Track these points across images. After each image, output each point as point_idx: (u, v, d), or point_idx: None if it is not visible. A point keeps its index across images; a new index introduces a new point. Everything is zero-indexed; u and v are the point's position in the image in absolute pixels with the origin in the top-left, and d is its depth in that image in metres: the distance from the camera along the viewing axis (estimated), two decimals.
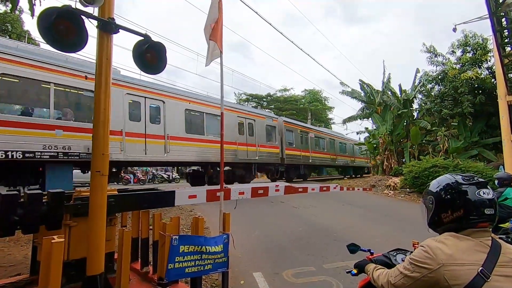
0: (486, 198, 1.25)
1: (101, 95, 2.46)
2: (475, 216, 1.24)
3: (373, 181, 16.49)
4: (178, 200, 3.77)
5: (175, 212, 7.53)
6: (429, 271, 1.20)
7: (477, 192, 1.26)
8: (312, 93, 42.49)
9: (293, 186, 6.40)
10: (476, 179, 1.31)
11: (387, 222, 7.92)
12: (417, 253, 1.27)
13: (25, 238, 4.97)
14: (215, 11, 3.75)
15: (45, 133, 7.01)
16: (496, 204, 1.28)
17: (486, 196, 1.26)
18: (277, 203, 9.75)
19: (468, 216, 1.25)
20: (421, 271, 1.22)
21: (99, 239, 2.35)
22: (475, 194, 1.26)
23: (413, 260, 1.26)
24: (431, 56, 17.67)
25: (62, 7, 2.22)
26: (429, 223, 1.41)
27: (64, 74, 7.53)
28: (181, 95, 10.71)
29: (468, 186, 1.29)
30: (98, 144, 2.42)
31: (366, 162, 27.31)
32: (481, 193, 1.26)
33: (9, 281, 3.11)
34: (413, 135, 17.02)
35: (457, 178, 1.34)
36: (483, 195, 1.26)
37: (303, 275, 4.10)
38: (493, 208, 1.25)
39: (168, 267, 2.59)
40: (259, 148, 13.97)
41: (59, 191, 2.75)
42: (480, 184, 1.29)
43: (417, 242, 1.78)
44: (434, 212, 1.37)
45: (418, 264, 1.23)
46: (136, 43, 2.77)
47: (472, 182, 1.30)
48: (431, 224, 1.40)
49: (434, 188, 1.39)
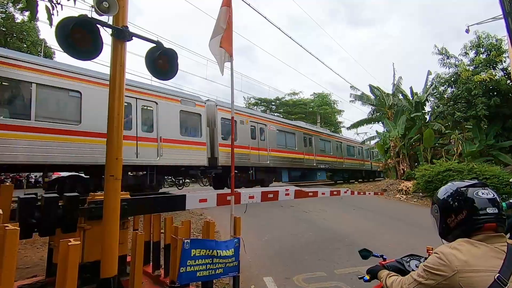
0: (487, 198, 1.27)
1: (114, 101, 2.52)
2: (479, 216, 1.25)
3: (384, 185, 16.23)
4: (189, 204, 3.80)
5: (185, 216, 7.58)
6: (443, 278, 1.18)
7: (476, 193, 1.29)
8: (321, 97, 42.33)
9: (303, 190, 6.37)
10: (474, 182, 1.35)
11: (399, 227, 7.77)
12: (431, 260, 1.25)
13: (41, 240, 5.09)
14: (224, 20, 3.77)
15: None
16: (499, 204, 1.28)
17: (486, 196, 1.28)
18: (287, 207, 9.71)
19: (472, 216, 1.26)
20: (436, 278, 1.20)
21: (113, 242, 2.40)
22: (474, 194, 1.29)
23: (427, 267, 1.25)
24: (443, 58, 17.35)
25: (79, 16, 2.30)
26: (440, 233, 1.43)
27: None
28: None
29: (466, 188, 1.33)
30: (112, 149, 2.48)
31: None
32: (479, 193, 1.29)
33: (26, 282, 3.20)
34: (426, 138, 16.68)
35: (456, 183, 1.39)
36: (483, 195, 1.28)
37: (314, 281, 4.06)
38: (496, 207, 1.26)
39: (180, 271, 2.61)
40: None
41: (74, 195, 2.83)
42: (478, 185, 1.32)
43: (432, 248, 1.75)
44: (440, 220, 1.39)
45: (432, 271, 1.21)
46: (149, 50, 2.83)
47: (471, 184, 1.33)
48: (441, 233, 1.42)
49: (438, 197, 1.44)
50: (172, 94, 10.31)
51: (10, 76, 6.85)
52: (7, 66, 6.74)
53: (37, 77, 7.16)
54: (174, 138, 9.87)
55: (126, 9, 2.61)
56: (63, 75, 7.59)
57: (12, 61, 6.84)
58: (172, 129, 9.87)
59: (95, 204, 2.84)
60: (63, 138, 7.37)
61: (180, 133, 10.10)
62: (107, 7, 2.33)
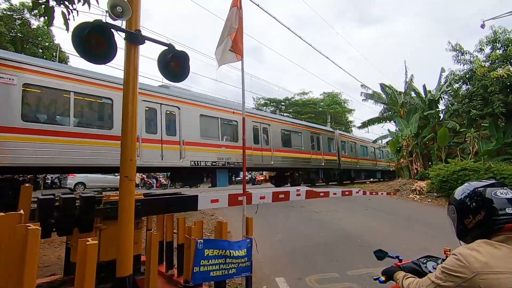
0: (506, 198, 1.24)
1: (128, 104, 2.56)
2: (498, 217, 1.21)
3: (397, 185, 15.94)
4: (201, 204, 3.84)
5: (196, 216, 7.64)
6: (463, 280, 1.15)
7: (494, 193, 1.26)
8: (331, 96, 41.95)
9: (314, 191, 6.33)
10: (492, 181, 1.31)
11: (414, 228, 7.62)
12: (449, 262, 1.23)
13: (58, 240, 5.23)
14: (234, 21, 3.79)
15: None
16: None
17: (505, 196, 1.24)
18: (298, 207, 9.66)
19: (490, 217, 1.23)
20: (455, 280, 1.17)
21: (128, 241, 2.44)
22: (492, 194, 1.25)
23: (445, 269, 1.22)
24: (457, 55, 16.91)
25: (94, 21, 2.36)
26: (457, 234, 1.40)
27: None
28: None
29: (484, 188, 1.29)
30: (126, 150, 2.52)
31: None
32: (498, 193, 1.25)
33: (45, 280, 3.29)
34: (440, 137, 16.29)
35: (474, 183, 1.35)
36: (501, 195, 1.24)
37: (326, 281, 4.02)
38: None
39: (194, 271, 2.64)
40: None
41: (90, 195, 2.90)
42: (497, 185, 1.29)
43: (449, 249, 1.72)
44: (458, 221, 1.36)
45: (451, 273, 1.19)
46: (161, 53, 2.88)
47: (488, 184, 1.30)
48: (459, 234, 1.39)
49: (454, 198, 1.40)
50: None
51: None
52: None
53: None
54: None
55: (138, 13, 2.66)
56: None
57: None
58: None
59: (111, 204, 2.90)
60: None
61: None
62: (120, 11, 2.38)
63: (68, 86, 7.68)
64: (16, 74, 6.89)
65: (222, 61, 3.88)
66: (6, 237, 1.56)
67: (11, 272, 1.54)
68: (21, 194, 2.89)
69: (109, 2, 2.30)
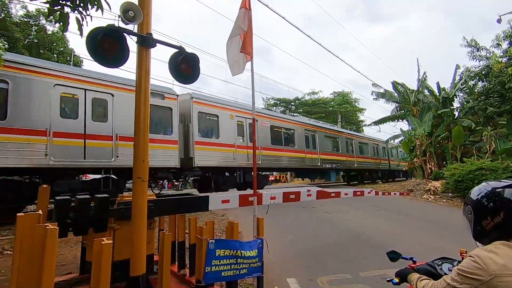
0: None
1: (140, 106, 2.61)
2: None
3: (410, 185, 15.62)
4: (212, 205, 3.87)
5: (207, 217, 7.70)
6: (480, 282, 1.13)
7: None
8: (342, 95, 41.50)
9: (325, 191, 6.29)
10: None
11: (428, 229, 7.45)
12: (466, 264, 1.20)
13: (74, 239, 5.37)
14: (243, 22, 3.80)
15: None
16: None
17: None
18: (308, 208, 9.60)
19: (510, 219, 1.20)
20: (471, 282, 1.15)
21: (141, 241, 2.49)
22: (511, 195, 1.21)
23: (461, 271, 1.19)
24: (472, 51, 16.46)
25: (107, 26, 2.42)
26: (474, 235, 1.36)
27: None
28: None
29: (503, 189, 1.24)
30: (139, 151, 2.57)
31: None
32: None
33: (62, 279, 3.39)
34: (455, 136, 15.88)
35: (492, 183, 1.31)
36: None
37: (338, 283, 3.98)
38: None
39: (206, 270, 2.67)
40: None
41: (104, 196, 2.96)
42: None
43: (465, 251, 1.67)
44: (475, 222, 1.32)
45: (468, 275, 1.16)
46: (172, 55, 2.92)
47: (508, 185, 1.25)
48: (476, 235, 1.35)
49: (471, 198, 1.36)
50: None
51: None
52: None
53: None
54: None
55: (150, 17, 2.70)
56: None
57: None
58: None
59: (124, 205, 2.96)
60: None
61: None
62: (132, 16, 2.43)
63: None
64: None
65: (235, 71, 3.91)
66: (27, 237, 1.62)
67: (31, 270, 1.59)
68: (39, 195, 2.98)
69: (121, 6, 2.35)
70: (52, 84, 7.33)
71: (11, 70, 6.80)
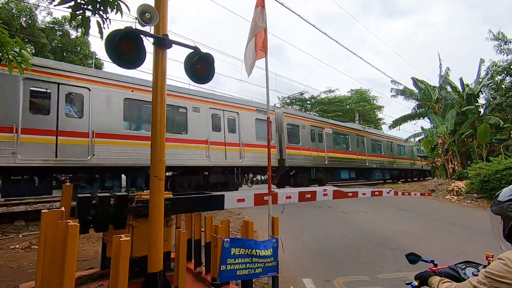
0: None
1: (157, 106, 2.67)
2: None
3: (432, 185, 15.07)
4: (227, 203, 3.89)
5: (223, 215, 7.77)
6: (509, 286, 1.08)
7: None
8: (359, 93, 40.62)
9: (342, 191, 6.16)
10: None
11: (451, 231, 7.16)
12: (495, 266, 1.14)
13: (96, 235, 5.57)
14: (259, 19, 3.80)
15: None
16: None
17: None
18: (325, 207, 9.48)
19: None
20: (500, 286, 1.10)
21: (158, 238, 2.54)
22: None
23: (490, 274, 1.14)
24: (499, 44, 15.63)
25: (125, 29, 2.48)
26: (506, 235, 1.28)
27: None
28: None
29: None
30: (155, 151, 2.62)
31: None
32: None
33: (84, 273, 3.52)
34: (480, 134, 15.15)
35: None
36: None
37: (355, 285, 3.90)
38: None
39: (221, 269, 2.68)
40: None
41: (124, 194, 3.05)
42: None
43: (491, 255, 1.59)
44: (504, 224, 1.26)
45: (497, 278, 1.11)
46: (187, 56, 2.96)
47: None
48: (508, 236, 1.27)
49: (501, 200, 1.30)
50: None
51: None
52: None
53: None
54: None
55: (166, 18, 2.75)
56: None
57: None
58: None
59: (142, 203, 3.04)
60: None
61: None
62: (149, 18, 2.49)
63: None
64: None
65: (250, 69, 3.91)
66: (50, 232, 1.70)
67: (55, 263, 1.66)
68: (63, 192, 3.11)
69: (138, 9, 2.41)
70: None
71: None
